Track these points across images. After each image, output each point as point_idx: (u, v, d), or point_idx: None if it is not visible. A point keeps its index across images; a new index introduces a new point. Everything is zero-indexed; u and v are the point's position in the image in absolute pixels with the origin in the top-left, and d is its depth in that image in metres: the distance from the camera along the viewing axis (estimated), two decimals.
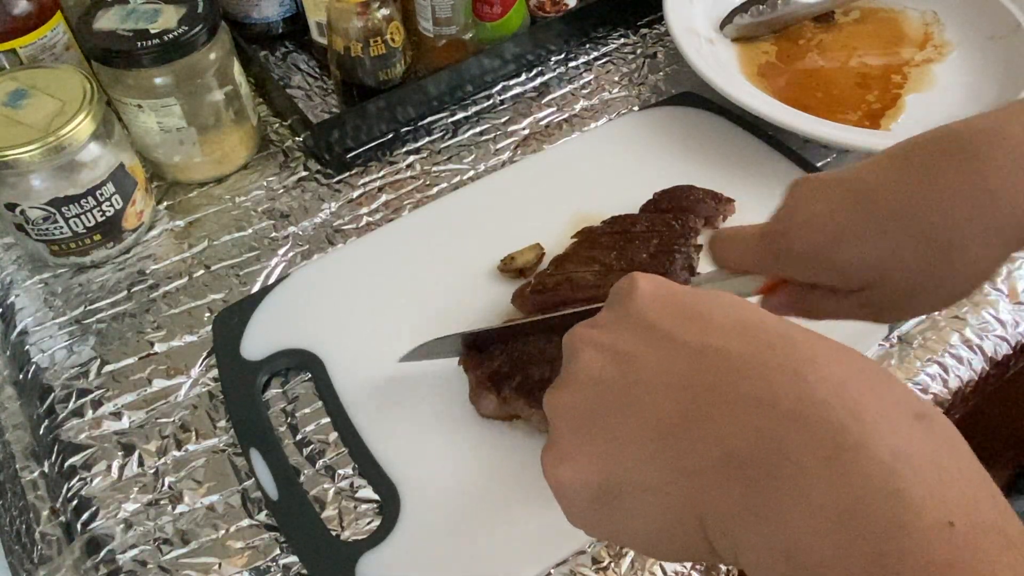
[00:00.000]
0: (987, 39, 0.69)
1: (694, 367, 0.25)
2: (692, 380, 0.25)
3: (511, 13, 0.67)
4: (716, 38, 0.69)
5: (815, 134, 0.58)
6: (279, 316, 0.52)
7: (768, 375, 0.24)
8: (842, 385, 0.23)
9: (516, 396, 0.44)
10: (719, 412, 0.24)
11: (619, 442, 0.26)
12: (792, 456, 0.22)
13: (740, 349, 0.25)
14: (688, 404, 0.25)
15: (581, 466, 0.27)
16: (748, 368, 0.24)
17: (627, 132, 0.64)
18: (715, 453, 0.23)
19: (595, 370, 0.28)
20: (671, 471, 0.25)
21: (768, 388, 0.23)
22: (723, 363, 0.25)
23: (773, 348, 0.25)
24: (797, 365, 0.24)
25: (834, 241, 0.35)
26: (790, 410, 0.23)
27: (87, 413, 0.50)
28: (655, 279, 0.30)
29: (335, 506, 0.45)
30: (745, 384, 0.24)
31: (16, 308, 0.55)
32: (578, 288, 0.48)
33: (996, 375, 0.52)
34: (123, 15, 0.56)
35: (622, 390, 0.27)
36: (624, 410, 0.26)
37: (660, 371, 0.26)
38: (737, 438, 0.23)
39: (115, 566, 0.44)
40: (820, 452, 0.22)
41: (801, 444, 0.22)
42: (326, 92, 0.69)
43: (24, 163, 0.49)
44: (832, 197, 0.35)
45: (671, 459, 0.25)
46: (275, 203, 0.61)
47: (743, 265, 0.39)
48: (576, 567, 0.43)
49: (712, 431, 0.24)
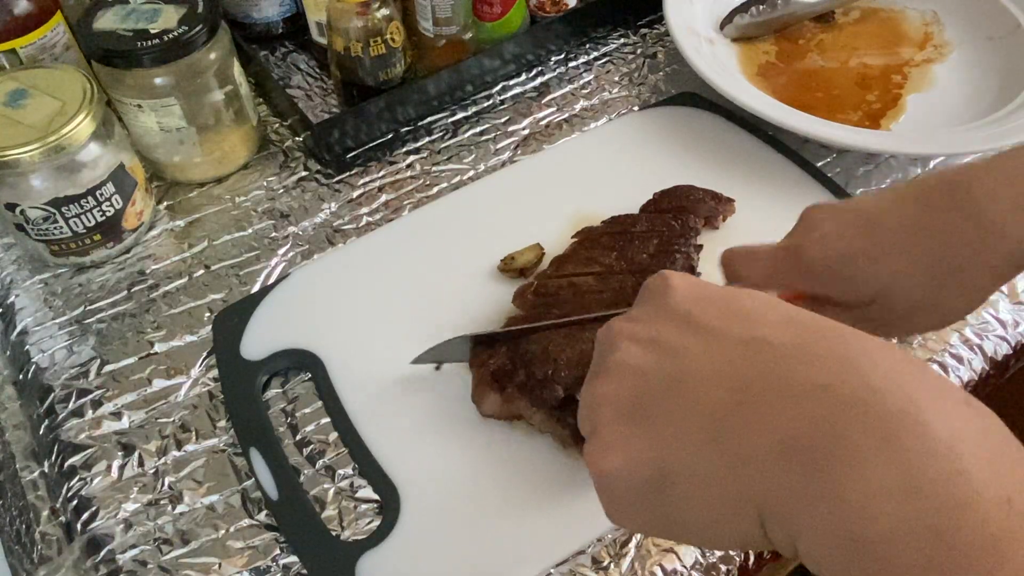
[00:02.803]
0: (987, 39, 0.69)
1: (743, 356, 0.26)
2: (742, 368, 0.25)
3: (511, 13, 0.67)
4: (716, 38, 0.69)
5: (815, 134, 0.58)
6: (279, 316, 0.52)
7: (821, 363, 0.24)
8: (895, 372, 0.23)
9: (519, 395, 0.44)
10: (773, 399, 0.24)
11: (670, 430, 0.26)
12: (851, 439, 0.22)
13: (790, 339, 0.25)
14: (740, 392, 0.25)
15: (630, 455, 0.27)
16: (801, 356, 0.25)
17: (627, 132, 0.64)
18: (771, 440, 0.24)
19: (637, 361, 0.28)
20: (727, 459, 0.25)
21: (823, 375, 0.24)
22: (774, 352, 0.25)
23: (825, 338, 0.25)
24: (850, 354, 0.24)
25: (844, 258, 0.38)
26: (847, 395, 0.23)
27: (87, 413, 0.50)
28: (688, 277, 0.30)
29: (335, 506, 0.45)
30: (800, 371, 0.24)
31: (16, 308, 0.55)
32: (580, 292, 0.48)
33: (996, 375, 0.52)
34: (123, 15, 0.56)
35: (669, 379, 0.27)
36: (673, 399, 0.26)
37: (707, 360, 0.26)
38: (793, 424, 0.23)
39: (115, 566, 0.44)
40: (879, 434, 0.22)
41: (860, 428, 0.22)
42: (326, 92, 0.69)
43: (24, 163, 0.49)
44: (843, 220, 0.38)
45: (726, 447, 0.25)
46: (275, 203, 0.61)
47: (758, 280, 0.40)
48: (576, 567, 0.43)
49: (767, 418, 0.24)
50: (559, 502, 0.44)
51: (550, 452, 0.46)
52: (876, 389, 0.23)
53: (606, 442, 0.27)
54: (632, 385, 0.28)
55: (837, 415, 0.23)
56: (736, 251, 0.42)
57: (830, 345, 0.25)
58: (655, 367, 0.27)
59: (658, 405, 0.27)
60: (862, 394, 0.23)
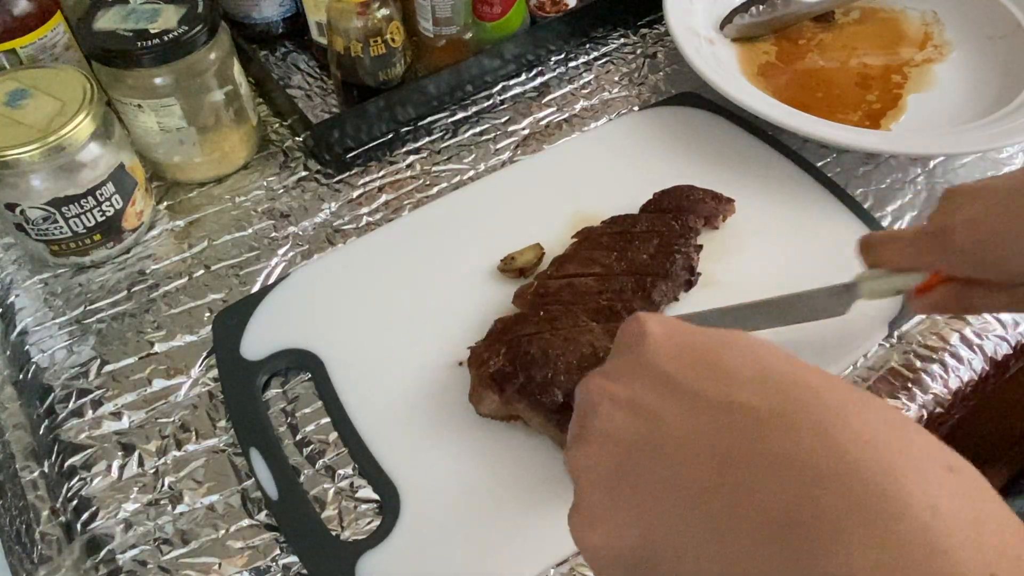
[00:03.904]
0: (987, 39, 0.69)
1: (721, 425, 0.25)
2: (721, 440, 0.25)
3: (511, 13, 0.67)
4: (716, 38, 0.69)
5: (815, 134, 0.58)
6: (279, 316, 0.52)
7: (797, 434, 0.24)
8: (873, 441, 0.23)
9: (519, 397, 0.44)
10: (752, 474, 0.24)
11: (651, 505, 0.26)
12: (831, 519, 0.22)
13: (767, 405, 0.25)
14: (721, 465, 0.24)
15: (614, 531, 0.26)
16: (778, 425, 0.24)
17: (627, 132, 0.64)
18: (755, 519, 0.23)
19: (617, 428, 0.27)
20: (708, 536, 0.24)
21: (798, 448, 0.23)
22: (750, 421, 0.25)
23: (799, 403, 0.24)
24: (825, 422, 0.24)
25: (993, 238, 0.38)
26: (824, 472, 0.22)
27: (87, 413, 0.50)
28: (664, 320, 0.29)
29: (335, 506, 0.45)
30: (778, 443, 0.24)
31: (16, 308, 0.55)
32: (580, 293, 0.48)
33: (996, 375, 0.52)
34: (123, 15, 0.56)
35: (649, 450, 0.26)
36: (654, 469, 0.26)
37: (686, 430, 0.26)
38: (773, 501, 0.23)
39: (115, 566, 0.44)
40: (858, 514, 0.22)
41: (839, 507, 0.22)
42: (326, 92, 0.69)
43: (24, 163, 0.49)
44: (989, 201, 0.39)
45: (707, 523, 0.24)
46: (275, 203, 0.61)
47: (906, 263, 0.42)
48: (576, 567, 0.43)
49: (747, 494, 0.24)
50: (559, 502, 0.44)
51: (550, 452, 0.46)
52: (852, 462, 0.22)
53: (590, 514, 0.27)
54: (614, 454, 0.27)
55: (815, 493, 0.22)
56: (877, 236, 0.43)
57: (807, 411, 0.24)
58: (635, 435, 0.27)
59: (639, 476, 0.26)
60: (838, 469, 0.22)
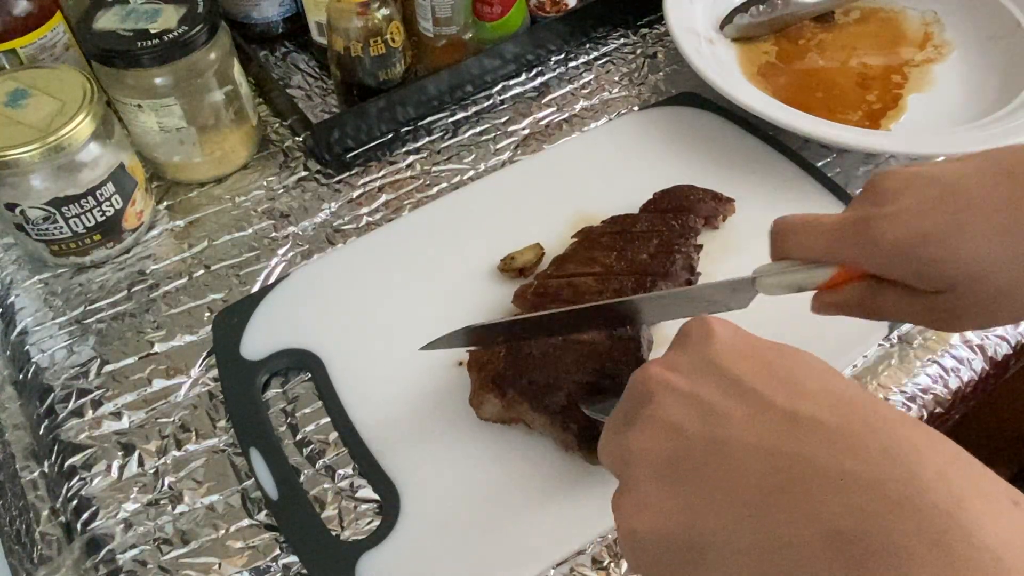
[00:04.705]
0: (987, 39, 0.69)
1: (787, 432, 0.25)
2: (786, 446, 0.25)
3: (511, 13, 0.67)
4: (716, 38, 0.69)
5: (815, 134, 0.58)
6: (279, 316, 0.52)
7: (870, 456, 0.23)
8: (944, 471, 0.23)
9: (521, 400, 0.44)
10: (820, 487, 0.24)
11: (707, 498, 0.25)
12: (899, 539, 0.22)
13: (836, 422, 0.25)
14: (784, 472, 0.24)
15: (664, 517, 0.26)
16: (846, 443, 0.24)
17: (627, 132, 0.64)
18: (816, 528, 0.23)
19: (677, 417, 0.27)
20: (767, 538, 0.24)
21: (872, 470, 0.23)
22: (820, 435, 0.24)
23: (871, 428, 0.24)
24: (899, 449, 0.23)
25: (923, 238, 0.33)
26: (897, 494, 0.22)
27: (87, 413, 0.50)
28: (728, 324, 0.29)
29: (335, 506, 0.45)
30: (846, 461, 0.24)
31: (16, 308, 0.55)
32: (580, 293, 0.48)
33: (996, 375, 0.52)
34: (123, 15, 0.56)
35: (710, 443, 0.26)
36: (714, 465, 0.26)
37: (750, 430, 0.25)
38: (841, 517, 0.23)
39: (115, 566, 0.44)
40: (927, 537, 0.22)
41: (908, 528, 0.22)
42: (326, 92, 0.69)
43: (24, 163, 0.49)
44: (922, 195, 0.34)
45: (768, 526, 0.24)
46: (275, 203, 0.61)
47: (816, 254, 0.37)
48: (576, 567, 0.43)
49: (813, 505, 0.23)
50: (559, 502, 0.44)
51: (550, 452, 0.46)
52: (925, 489, 0.22)
53: (640, 500, 0.27)
54: (671, 443, 0.27)
55: (886, 513, 0.22)
56: (792, 220, 0.37)
57: (875, 433, 0.24)
58: (696, 428, 0.26)
59: (697, 469, 0.26)
60: (911, 493, 0.22)
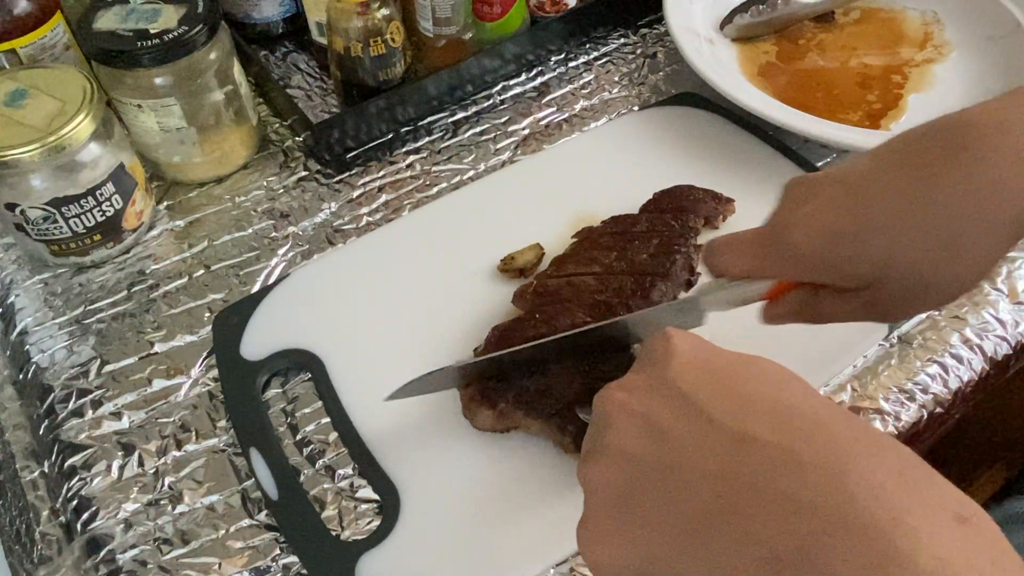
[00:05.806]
0: (987, 39, 0.69)
1: (732, 456, 0.25)
2: (730, 470, 0.25)
3: (511, 13, 0.67)
4: (716, 38, 0.69)
5: (815, 134, 0.58)
6: (279, 316, 0.52)
7: (805, 475, 0.23)
8: (882, 488, 0.22)
9: (514, 408, 0.44)
10: (758, 510, 0.24)
11: (657, 529, 0.26)
12: (834, 563, 0.22)
13: (778, 441, 0.25)
14: (727, 498, 0.24)
15: (619, 550, 0.26)
16: (788, 463, 0.24)
17: (627, 132, 0.64)
18: (754, 553, 0.23)
19: (630, 444, 0.27)
20: (709, 566, 0.24)
21: (806, 489, 0.23)
22: (761, 456, 0.25)
23: (810, 441, 0.24)
24: (835, 464, 0.23)
25: (832, 239, 0.34)
26: (830, 515, 0.22)
27: (87, 413, 0.50)
28: (691, 338, 0.29)
29: (335, 506, 0.45)
30: (783, 482, 0.24)
31: (16, 308, 0.55)
32: (580, 292, 0.48)
33: (996, 375, 0.52)
34: (123, 15, 0.56)
35: (659, 472, 0.26)
36: (662, 494, 0.26)
37: (697, 456, 0.26)
38: (777, 540, 0.23)
39: (115, 566, 0.44)
40: (862, 560, 0.21)
41: (843, 551, 0.22)
42: (326, 92, 0.69)
43: (24, 163, 0.49)
44: (827, 197, 0.35)
45: (710, 554, 0.24)
46: (275, 203, 0.61)
47: (743, 270, 0.38)
48: (576, 567, 0.43)
49: (752, 530, 0.24)
50: (559, 501, 0.44)
51: (549, 452, 0.46)
52: (860, 509, 0.22)
53: (597, 531, 0.27)
54: (624, 474, 0.27)
55: (821, 535, 0.22)
56: (718, 242, 0.38)
57: (818, 452, 0.24)
58: (647, 453, 0.27)
59: (647, 495, 0.26)
60: (845, 514, 0.22)
